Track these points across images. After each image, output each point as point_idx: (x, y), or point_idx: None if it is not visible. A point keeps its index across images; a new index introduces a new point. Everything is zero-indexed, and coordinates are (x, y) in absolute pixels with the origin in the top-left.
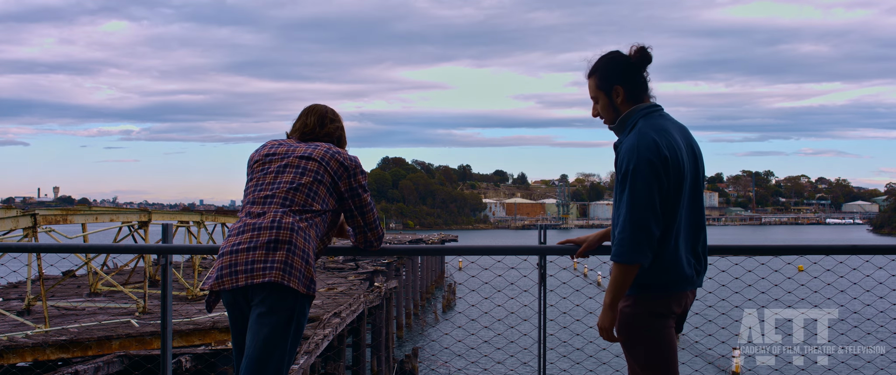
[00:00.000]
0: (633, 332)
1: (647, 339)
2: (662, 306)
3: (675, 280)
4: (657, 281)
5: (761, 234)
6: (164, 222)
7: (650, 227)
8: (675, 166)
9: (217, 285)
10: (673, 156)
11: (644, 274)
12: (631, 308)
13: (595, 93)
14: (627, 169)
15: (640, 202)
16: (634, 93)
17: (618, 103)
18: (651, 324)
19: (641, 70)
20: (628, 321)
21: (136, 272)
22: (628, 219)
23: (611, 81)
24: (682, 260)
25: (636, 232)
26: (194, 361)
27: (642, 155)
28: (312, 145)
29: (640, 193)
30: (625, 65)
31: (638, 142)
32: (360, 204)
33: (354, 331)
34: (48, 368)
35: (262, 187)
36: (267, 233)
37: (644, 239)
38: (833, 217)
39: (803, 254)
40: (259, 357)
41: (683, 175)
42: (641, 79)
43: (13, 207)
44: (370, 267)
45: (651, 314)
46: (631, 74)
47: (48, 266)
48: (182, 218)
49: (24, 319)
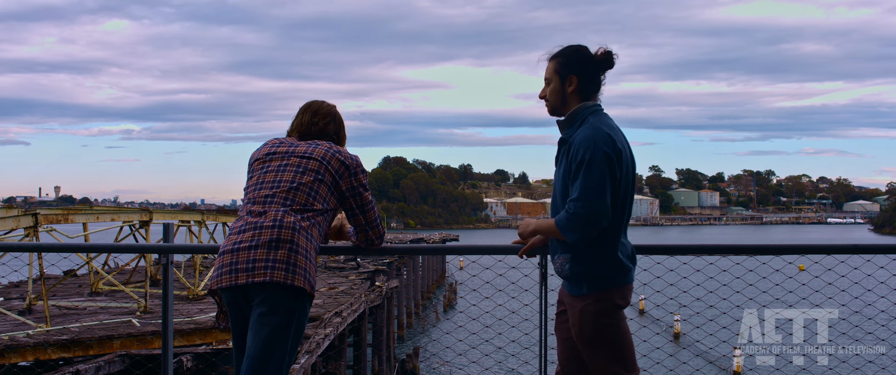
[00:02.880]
0: (602, 329)
1: (616, 332)
2: (621, 297)
3: (629, 269)
4: (616, 273)
5: (762, 234)
6: (166, 221)
7: (600, 216)
8: (627, 161)
9: (217, 283)
10: (626, 151)
11: (604, 267)
12: (594, 305)
13: (550, 75)
14: (583, 158)
15: (594, 189)
16: (586, 89)
17: (568, 92)
18: (616, 316)
19: (601, 71)
20: (593, 319)
21: (137, 271)
22: (583, 203)
23: (569, 69)
24: (631, 251)
25: (587, 217)
26: (195, 360)
27: (599, 146)
28: (313, 144)
29: (595, 182)
30: (587, 59)
31: (593, 134)
32: (362, 203)
33: (356, 331)
34: (50, 367)
35: (262, 186)
36: (268, 232)
37: (592, 225)
38: (834, 216)
39: (804, 254)
40: (260, 356)
41: (633, 171)
42: (597, 79)
43: (14, 207)
44: (371, 267)
45: (615, 306)
46: (589, 70)
47: (49, 265)
48: (183, 218)
49: (26, 318)
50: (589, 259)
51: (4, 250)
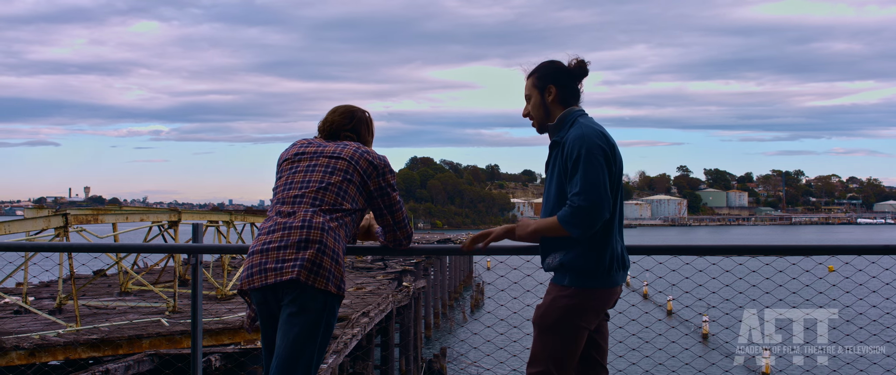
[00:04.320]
0: (562, 324)
1: (574, 333)
2: (602, 301)
3: (615, 271)
4: (602, 272)
5: (791, 234)
6: (194, 222)
7: (603, 207)
8: (617, 159)
9: (247, 283)
10: (616, 149)
11: (590, 261)
12: (569, 299)
13: (529, 91)
14: (579, 154)
15: (594, 182)
16: (566, 98)
17: (549, 102)
18: (586, 319)
19: (577, 79)
20: (562, 313)
21: (166, 271)
22: (586, 196)
23: (546, 81)
24: (623, 252)
25: (591, 209)
26: (224, 360)
27: (593, 141)
28: (342, 144)
29: (594, 175)
30: (562, 70)
31: (585, 132)
32: (390, 203)
33: (383, 331)
34: (80, 366)
35: (291, 186)
36: (297, 233)
37: (596, 217)
38: (864, 217)
39: (834, 254)
40: (289, 356)
41: (622, 169)
42: (575, 88)
43: (45, 207)
44: (398, 267)
45: (588, 310)
46: (565, 79)
47: (79, 265)
48: (211, 218)
49: (56, 318)
50: (577, 252)
51: (35, 250)
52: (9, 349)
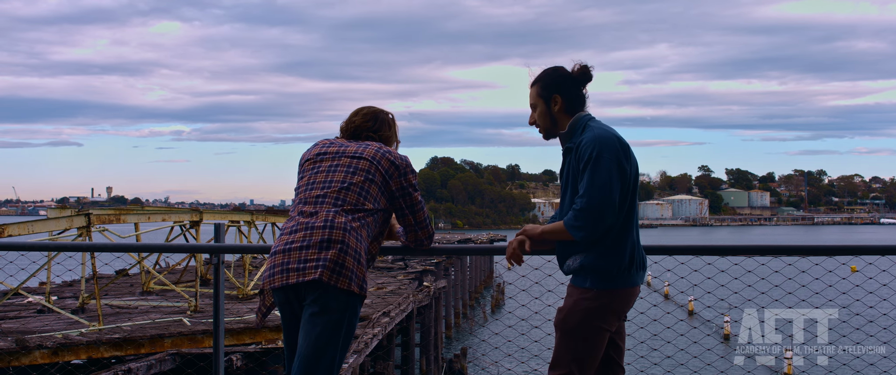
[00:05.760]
0: (585, 326)
1: (593, 334)
2: (623, 302)
3: (635, 271)
4: (621, 272)
5: (813, 234)
6: (216, 222)
7: (607, 211)
8: (632, 161)
9: (269, 283)
10: (630, 151)
11: (609, 262)
12: (590, 302)
13: (535, 100)
14: (590, 156)
15: (601, 185)
16: (572, 105)
17: (555, 111)
18: (607, 321)
19: (581, 85)
20: (584, 315)
21: (188, 271)
22: (588, 199)
23: (551, 90)
24: (641, 253)
25: (595, 211)
26: (245, 359)
27: (606, 144)
28: (363, 144)
29: (602, 178)
30: (566, 78)
31: (599, 134)
32: (411, 203)
33: (403, 331)
34: (102, 365)
35: (313, 186)
36: (320, 233)
37: (598, 220)
38: (888, 217)
39: (857, 255)
40: (311, 355)
41: (637, 170)
42: (580, 94)
43: (68, 207)
44: (419, 267)
45: (610, 311)
46: (570, 87)
47: (102, 265)
48: (233, 218)
49: (79, 317)
50: (596, 253)
51: (58, 250)
52: (32, 348)
